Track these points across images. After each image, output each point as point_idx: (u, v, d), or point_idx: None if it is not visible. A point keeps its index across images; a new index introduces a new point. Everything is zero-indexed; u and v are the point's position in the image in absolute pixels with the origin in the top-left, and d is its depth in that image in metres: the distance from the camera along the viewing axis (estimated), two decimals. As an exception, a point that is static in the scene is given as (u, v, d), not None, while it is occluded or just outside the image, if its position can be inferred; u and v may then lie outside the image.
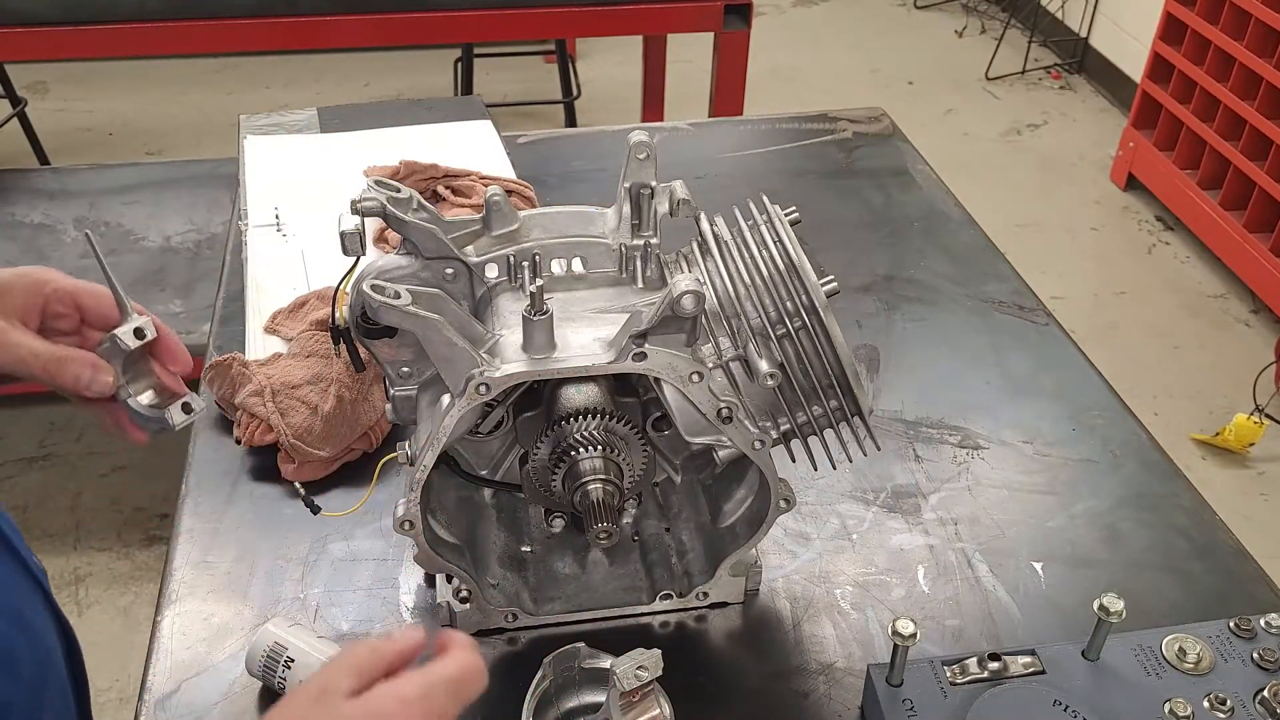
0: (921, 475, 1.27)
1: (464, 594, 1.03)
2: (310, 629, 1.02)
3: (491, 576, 1.07)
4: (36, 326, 0.90)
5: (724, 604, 1.10)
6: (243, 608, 1.08)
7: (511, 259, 0.97)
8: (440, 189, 1.69)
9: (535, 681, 0.93)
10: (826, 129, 1.99)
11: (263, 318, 1.44)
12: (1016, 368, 1.43)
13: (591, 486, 0.95)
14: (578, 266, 0.98)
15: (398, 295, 0.86)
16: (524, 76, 4.73)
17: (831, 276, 0.92)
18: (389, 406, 1.02)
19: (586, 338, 0.90)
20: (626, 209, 0.97)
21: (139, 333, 0.91)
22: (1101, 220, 4.00)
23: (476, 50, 3.95)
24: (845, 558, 1.16)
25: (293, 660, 0.97)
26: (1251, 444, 2.93)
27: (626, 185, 0.97)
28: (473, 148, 1.87)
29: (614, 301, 0.96)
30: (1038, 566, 1.16)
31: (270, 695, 1.00)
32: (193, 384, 1.37)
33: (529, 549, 1.12)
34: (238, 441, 1.24)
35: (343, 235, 0.93)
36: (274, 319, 1.43)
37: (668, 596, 1.09)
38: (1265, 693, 0.93)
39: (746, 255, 0.95)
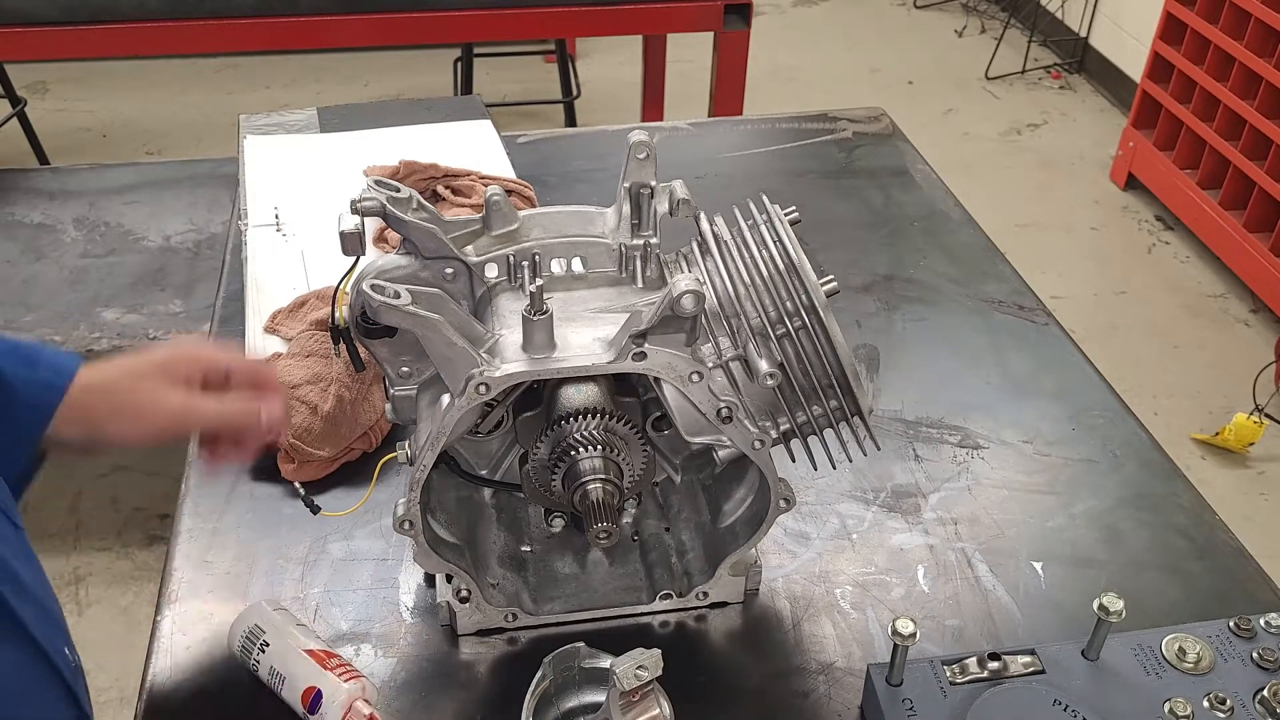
0: (921, 475, 1.27)
1: (464, 594, 1.03)
2: (292, 615, 1.03)
3: (491, 576, 1.07)
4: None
5: (724, 604, 1.10)
6: (243, 607, 1.08)
7: (511, 259, 0.97)
8: (440, 189, 1.69)
9: (535, 681, 0.93)
10: (826, 129, 1.99)
11: (263, 318, 1.44)
12: (1016, 368, 1.43)
13: (591, 486, 0.95)
14: (577, 266, 0.98)
15: (398, 295, 0.86)
16: (524, 76, 4.73)
17: (831, 276, 0.92)
18: (389, 406, 1.02)
19: (586, 337, 0.90)
20: (626, 209, 0.97)
21: None
22: (1101, 220, 4.00)
23: (476, 50, 3.95)
24: (845, 557, 1.16)
25: (268, 644, 0.98)
26: (1251, 444, 2.93)
27: (626, 185, 0.97)
28: (473, 148, 1.87)
29: (614, 301, 0.96)
30: (1038, 566, 1.16)
31: (249, 675, 1.00)
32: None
33: (529, 549, 1.12)
34: None
35: (342, 235, 0.93)
36: (274, 319, 1.43)
37: (668, 596, 1.09)
38: (1265, 692, 0.93)
39: (746, 255, 0.95)
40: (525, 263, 0.97)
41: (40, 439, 0.94)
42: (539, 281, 0.86)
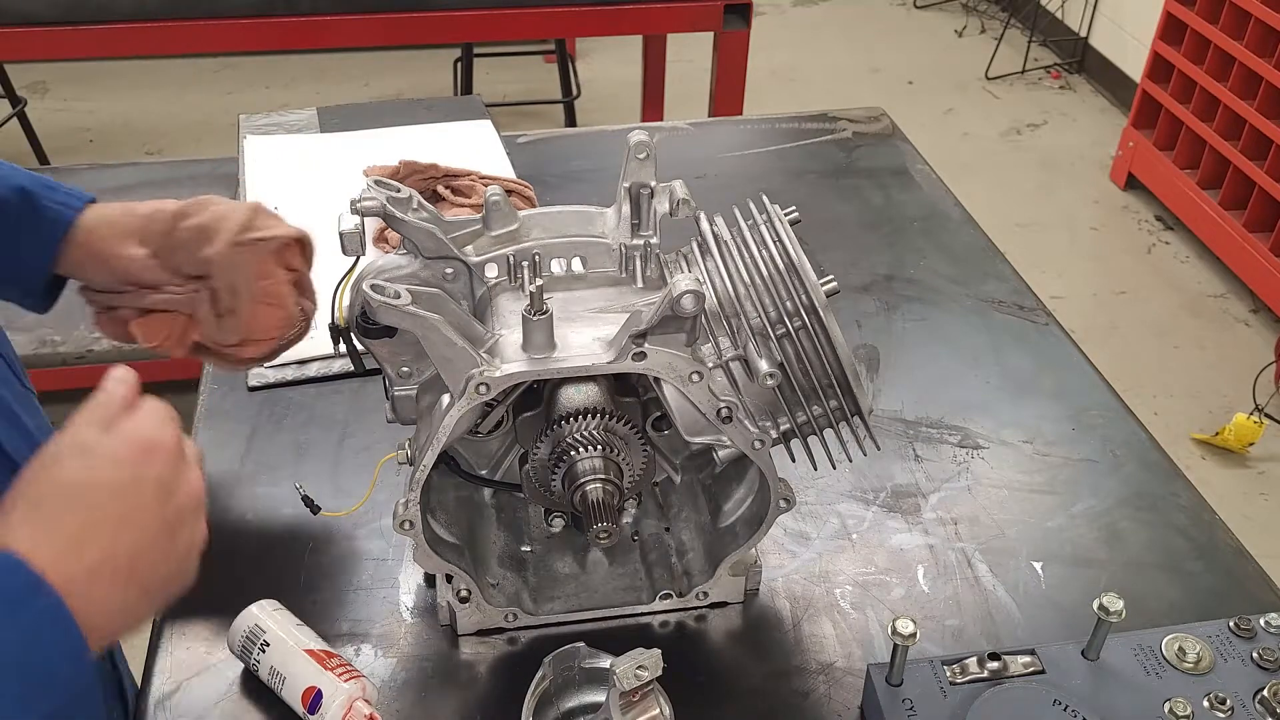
0: (921, 475, 1.26)
1: (464, 594, 1.03)
2: (292, 615, 1.02)
3: (491, 576, 1.07)
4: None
5: (724, 604, 1.10)
6: (243, 608, 1.08)
7: (511, 259, 0.97)
8: (440, 189, 1.69)
9: (535, 681, 0.93)
10: (826, 129, 1.99)
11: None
12: (1016, 368, 1.43)
13: (591, 486, 0.95)
14: (577, 266, 0.98)
15: (398, 295, 0.86)
16: (524, 76, 4.73)
17: (831, 276, 0.92)
18: (389, 406, 1.02)
19: (586, 337, 0.90)
20: (626, 209, 0.97)
21: None
22: (1101, 220, 4.00)
23: (476, 50, 3.95)
24: (845, 557, 1.16)
25: (268, 644, 0.98)
26: (1251, 444, 2.94)
27: (626, 185, 0.97)
28: (472, 147, 1.86)
29: (614, 301, 0.96)
30: (1038, 566, 1.16)
31: (249, 674, 1.01)
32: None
33: (529, 549, 1.12)
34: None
35: (343, 235, 0.93)
36: None
37: (668, 596, 1.09)
38: (1265, 692, 0.93)
39: (746, 255, 0.95)
40: (525, 263, 0.97)
41: (56, 251, 1.05)
42: (539, 281, 0.86)
